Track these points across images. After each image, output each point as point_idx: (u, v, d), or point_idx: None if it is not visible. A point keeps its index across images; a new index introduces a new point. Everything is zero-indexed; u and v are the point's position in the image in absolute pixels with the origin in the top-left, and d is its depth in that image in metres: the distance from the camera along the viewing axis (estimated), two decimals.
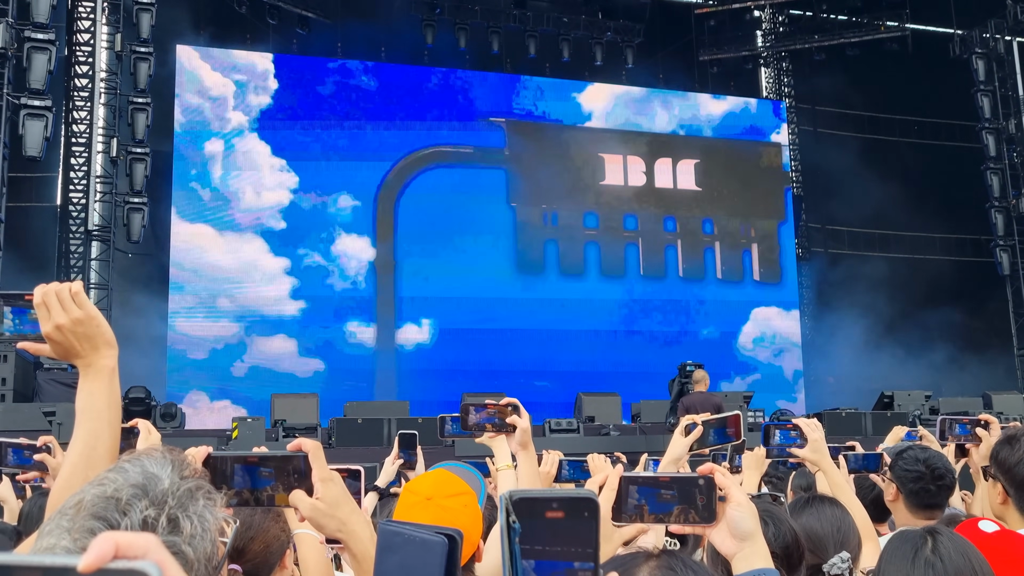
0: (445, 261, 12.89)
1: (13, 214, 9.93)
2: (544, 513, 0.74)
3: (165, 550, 0.48)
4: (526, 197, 13.59)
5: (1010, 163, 13.99)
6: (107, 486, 0.77)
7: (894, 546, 1.42)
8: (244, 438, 7.46)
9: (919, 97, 14.87)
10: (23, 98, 8.97)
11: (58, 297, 1.13)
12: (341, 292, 12.57)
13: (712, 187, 14.43)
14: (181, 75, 12.32)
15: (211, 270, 12.04)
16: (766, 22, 15.90)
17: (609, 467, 2.47)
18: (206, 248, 12.06)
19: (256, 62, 12.83)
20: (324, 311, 12.44)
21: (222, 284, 12.10)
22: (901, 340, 12.86)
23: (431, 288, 12.85)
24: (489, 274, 13.08)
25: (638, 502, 0.93)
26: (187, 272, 11.95)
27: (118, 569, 0.45)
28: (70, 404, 7.19)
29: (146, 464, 0.80)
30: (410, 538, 0.95)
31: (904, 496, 2.29)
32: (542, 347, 13.01)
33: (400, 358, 12.65)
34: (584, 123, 14.02)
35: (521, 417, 1.95)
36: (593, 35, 14.45)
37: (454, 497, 1.68)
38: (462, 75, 13.78)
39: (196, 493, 0.80)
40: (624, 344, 13.11)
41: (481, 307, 12.96)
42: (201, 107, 12.43)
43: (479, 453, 3.08)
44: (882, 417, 8.96)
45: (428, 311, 12.81)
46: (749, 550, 0.96)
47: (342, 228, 12.75)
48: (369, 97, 13.28)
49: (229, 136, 12.47)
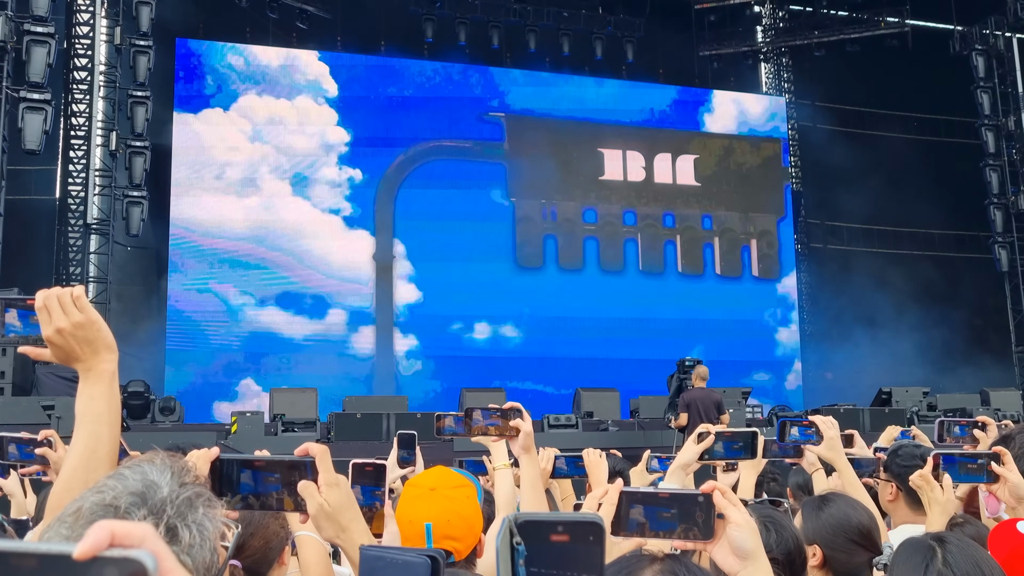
0: (444, 255, 12.89)
1: (12, 207, 9.91)
2: (549, 537, 0.74)
3: (161, 540, 0.48)
4: (525, 192, 13.58)
5: (1009, 160, 13.99)
6: (106, 493, 0.77)
7: (903, 557, 1.40)
8: (243, 432, 7.48)
9: (919, 93, 14.85)
10: (22, 91, 8.93)
11: (59, 301, 1.14)
12: (340, 288, 12.57)
13: (711, 183, 14.43)
14: (181, 68, 12.27)
15: (211, 266, 12.03)
16: (766, 17, 15.85)
17: (604, 463, 2.47)
18: (206, 244, 12.05)
19: (256, 56, 12.78)
20: (322, 305, 12.44)
21: (222, 280, 12.09)
22: (899, 336, 12.88)
23: (430, 282, 12.85)
24: (488, 269, 13.08)
25: (638, 517, 0.94)
26: (186, 268, 11.93)
27: (113, 557, 0.45)
28: (69, 398, 7.20)
29: (146, 471, 0.80)
30: (392, 561, 0.94)
31: (904, 493, 2.28)
32: (541, 342, 13.03)
33: (398, 353, 12.66)
34: (584, 118, 13.99)
35: (524, 421, 1.96)
36: (593, 30, 14.40)
37: (457, 488, 1.69)
38: (462, 69, 13.74)
39: (196, 501, 0.80)
40: (623, 340, 13.12)
41: (479, 301, 12.96)
42: (200, 101, 12.38)
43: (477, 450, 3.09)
44: (880, 413, 8.99)
45: (427, 306, 12.81)
46: (752, 568, 0.95)
47: (343, 221, 12.74)
48: (369, 92, 13.24)
49: (229, 132, 12.43)
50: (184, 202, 12.02)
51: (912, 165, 14.53)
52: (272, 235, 12.33)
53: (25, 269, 10.95)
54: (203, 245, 12.04)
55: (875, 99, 15.41)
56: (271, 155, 12.53)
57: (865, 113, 15.63)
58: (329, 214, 12.70)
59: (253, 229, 12.26)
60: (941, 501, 1.96)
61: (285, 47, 13.06)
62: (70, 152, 11.57)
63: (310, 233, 12.54)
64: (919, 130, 15.60)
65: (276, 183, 12.50)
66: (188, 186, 12.09)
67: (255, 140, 12.50)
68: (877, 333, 13.19)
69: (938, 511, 1.96)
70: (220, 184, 12.24)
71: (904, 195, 14.12)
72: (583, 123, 13.96)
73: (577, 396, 9.49)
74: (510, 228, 13.44)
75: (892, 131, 15.57)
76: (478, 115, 13.57)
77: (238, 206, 12.26)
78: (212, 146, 12.30)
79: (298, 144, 12.69)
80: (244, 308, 12.07)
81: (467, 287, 12.87)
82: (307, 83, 12.90)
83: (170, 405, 8.54)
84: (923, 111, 15.43)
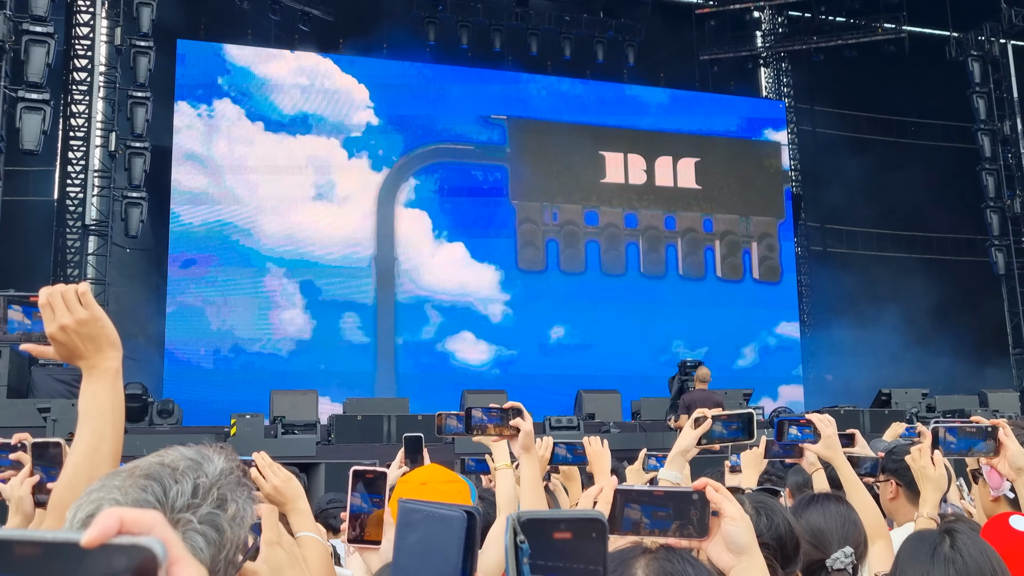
0: (446, 258, 12.88)
1: (9, 208, 9.89)
2: (552, 534, 0.74)
3: (170, 528, 0.47)
4: (527, 195, 13.59)
5: (1005, 164, 14.07)
6: (165, 456, 0.80)
7: (911, 545, 1.41)
8: (243, 435, 7.44)
9: (916, 98, 14.93)
10: (21, 91, 8.92)
11: (63, 297, 1.13)
12: (341, 289, 12.55)
13: (712, 186, 14.46)
14: (181, 70, 12.27)
15: (211, 268, 12.01)
16: (766, 23, 15.93)
17: (607, 452, 2.46)
18: (207, 244, 12.03)
19: (259, 58, 12.79)
20: (323, 308, 12.42)
21: (222, 278, 12.07)
22: (899, 339, 12.92)
23: (431, 285, 12.84)
24: (490, 271, 13.08)
25: (633, 516, 0.93)
26: (185, 268, 11.91)
27: (122, 545, 0.44)
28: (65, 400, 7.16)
29: (201, 448, 0.84)
30: (429, 514, 0.94)
31: (904, 489, 2.28)
32: (542, 344, 13.03)
33: (399, 355, 12.64)
34: (585, 121, 14.02)
35: (524, 420, 1.95)
36: (595, 34, 14.45)
37: (449, 484, 1.69)
38: (464, 72, 13.76)
39: (243, 486, 0.83)
40: (624, 342, 13.13)
41: (482, 304, 12.96)
42: (201, 102, 12.38)
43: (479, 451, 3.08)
44: (880, 415, 9.00)
45: (428, 308, 12.80)
46: (747, 563, 0.95)
47: (343, 223, 12.72)
48: (370, 94, 13.25)
49: (230, 133, 12.43)
50: (183, 204, 12.01)
51: (910, 169, 14.60)
52: (272, 237, 12.32)
53: (22, 270, 10.93)
54: (203, 247, 12.02)
55: (873, 104, 15.49)
56: (271, 157, 12.53)
57: (863, 117, 15.71)
58: (329, 215, 12.69)
59: (253, 230, 12.25)
60: (933, 477, 1.97)
61: (287, 49, 13.07)
62: (69, 153, 11.55)
63: (310, 234, 12.53)
64: (916, 134, 15.68)
65: (276, 185, 12.49)
66: (187, 187, 12.07)
67: (255, 142, 12.49)
68: (877, 335, 13.22)
69: (931, 487, 1.98)
70: (220, 186, 12.23)
71: (902, 199, 14.18)
72: (584, 126, 13.99)
73: (579, 398, 9.48)
74: (512, 231, 13.45)
75: (890, 135, 15.65)
76: (480, 118, 13.59)
77: (239, 208, 12.25)
78: (212, 147, 12.29)
79: (298, 147, 12.69)
80: (245, 310, 12.04)
81: (468, 289, 12.87)
82: (308, 86, 12.90)
83: (168, 408, 8.50)
84: (920, 116, 15.52)
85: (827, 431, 2.12)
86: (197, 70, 12.41)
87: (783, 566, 1.50)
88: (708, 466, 3.17)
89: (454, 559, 0.90)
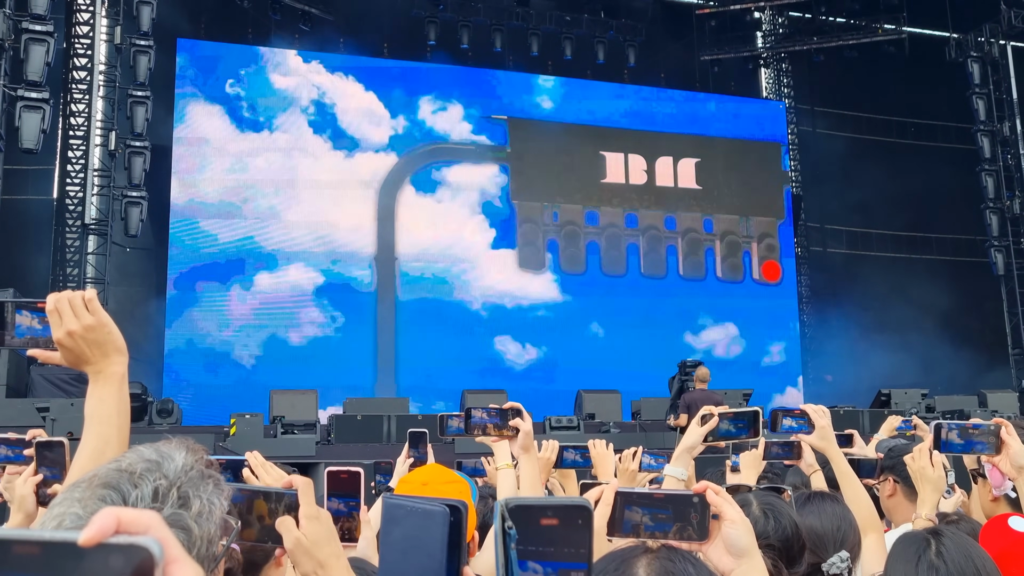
0: (446, 258, 12.88)
1: (8, 207, 9.88)
2: (539, 520, 0.76)
3: (167, 528, 0.47)
4: (528, 194, 13.60)
5: (1004, 165, 14.09)
6: (121, 461, 0.79)
7: (898, 549, 1.42)
8: (242, 434, 7.44)
9: (915, 99, 14.95)
10: (20, 90, 8.91)
11: (70, 304, 1.14)
12: (341, 289, 12.55)
13: (712, 186, 14.47)
14: (181, 69, 12.26)
15: (210, 268, 12.00)
16: (766, 23, 15.95)
17: (611, 454, 2.46)
18: (206, 243, 12.02)
19: (260, 58, 12.78)
20: (323, 307, 12.42)
21: (221, 277, 12.06)
22: (898, 339, 12.93)
23: (431, 285, 12.84)
24: (490, 272, 13.08)
25: (633, 518, 0.94)
26: (185, 267, 11.91)
27: (119, 544, 0.44)
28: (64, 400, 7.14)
29: (160, 447, 0.82)
30: (412, 510, 0.94)
31: (902, 485, 2.27)
32: (543, 344, 13.03)
33: (399, 353, 12.64)
34: (586, 121, 14.03)
35: (524, 420, 1.95)
36: (595, 34, 14.46)
37: (449, 484, 1.69)
38: (464, 72, 13.76)
39: (207, 478, 0.82)
40: (624, 342, 13.13)
41: (482, 305, 12.95)
42: (201, 101, 12.37)
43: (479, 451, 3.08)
44: (879, 415, 8.99)
45: (428, 307, 12.80)
46: (747, 566, 0.95)
47: (343, 223, 12.72)
48: (371, 93, 13.25)
49: (230, 132, 12.42)
50: (183, 203, 12.00)
51: (909, 170, 14.61)
52: (272, 236, 12.31)
53: (22, 270, 10.92)
54: (202, 246, 12.01)
55: (873, 104, 15.51)
56: (271, 156, 12.52)
57: (863, 118, 15.73)
58: (329, 214, 12.68)
59: (253, 229, 12.24)
60: (932, 478, 1.97)
61: (287, 49, 13.07)
62: (68, 152, 11.55)
63: (310, 233, 12.53)
64: (916, 135, 15.70)
65: (276, 184, 12.49)
66: (187, 187, 12.07)
67: (255, 140, 12.49)
68: (876, 336, 13.23)
69: (929, 488, 1.97)
70: (220, 186, 12.23)
71: (902, 199, 14.19)
72: (585, 126, 14.00)
73: (579, 397, 9.48)
74: (512, 230, 13.45)
75: (889, 136, 15.67)
76: (480, 118, 13.59)
77: (238, 208, 12.24)
78: (212, 147, 12.28)
79: (299, 146, 12.68)
80: (244, 310, 12.04)
81: (468, 290, 12.86)
82: (307, 85, 12.90)
83: (167, 407, 8.49)
84: (919, 116, 15.54)
85: (821, 422, 2.11)
86: (197, 69, 12.41)
87: (788, 566, 1.50)
88: (709, 466, 3.17)
89: (438, 554, 0.89)
